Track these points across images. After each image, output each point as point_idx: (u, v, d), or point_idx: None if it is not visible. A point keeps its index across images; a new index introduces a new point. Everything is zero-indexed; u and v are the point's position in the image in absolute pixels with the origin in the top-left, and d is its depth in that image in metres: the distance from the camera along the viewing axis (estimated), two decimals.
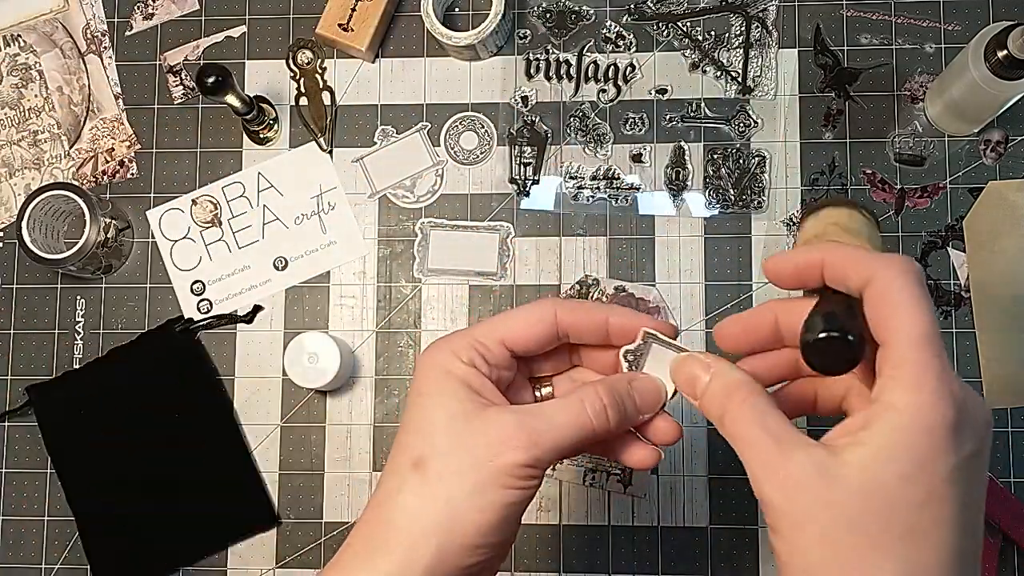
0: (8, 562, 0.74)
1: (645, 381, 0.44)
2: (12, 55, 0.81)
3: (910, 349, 0.35)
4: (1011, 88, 0.64)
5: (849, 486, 0.34)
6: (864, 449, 0.35)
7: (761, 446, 0.36)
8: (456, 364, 0.42)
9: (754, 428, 0.37)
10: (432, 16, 0.74)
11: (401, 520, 0.40)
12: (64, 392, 0.75)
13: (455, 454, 0.41)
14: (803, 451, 0.35)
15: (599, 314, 0.45)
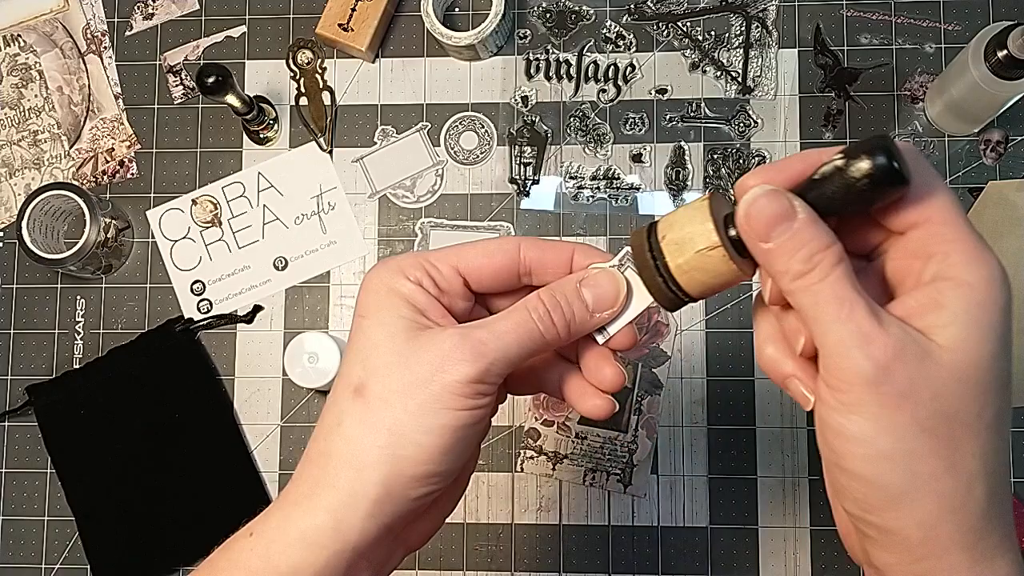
0: (8, 562, 0.74)
1: (597, 276, 0.40)
2: (12, 55, 0.81)
3: (963, 226, 0.33)
4: (1011, 88, 0.64)
5: (947, 369, 0.32)
6: (954, 330, 0.32)
7: (860, 309, 0.32)
8: (401, 282, 0.39)
9: (850, 290, 0.32)
10: (432, 16, 0.74)
11: (344, 452, 0.37)
12: (64, 392, 0.75)
13: (396, 376, 0.37)
14: (901, 327, 0.32)
15: (564, 251, 0.41)
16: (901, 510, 0.33)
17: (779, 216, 0.33)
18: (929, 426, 0.32)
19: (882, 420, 0.32)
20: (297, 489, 0.38)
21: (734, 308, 0.73)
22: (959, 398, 0.32)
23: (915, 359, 0.32)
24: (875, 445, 0.32)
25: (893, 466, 0.32)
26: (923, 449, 0.32)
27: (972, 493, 0.32)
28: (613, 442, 0.72)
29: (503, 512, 0.73)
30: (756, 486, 0.71)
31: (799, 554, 0.71)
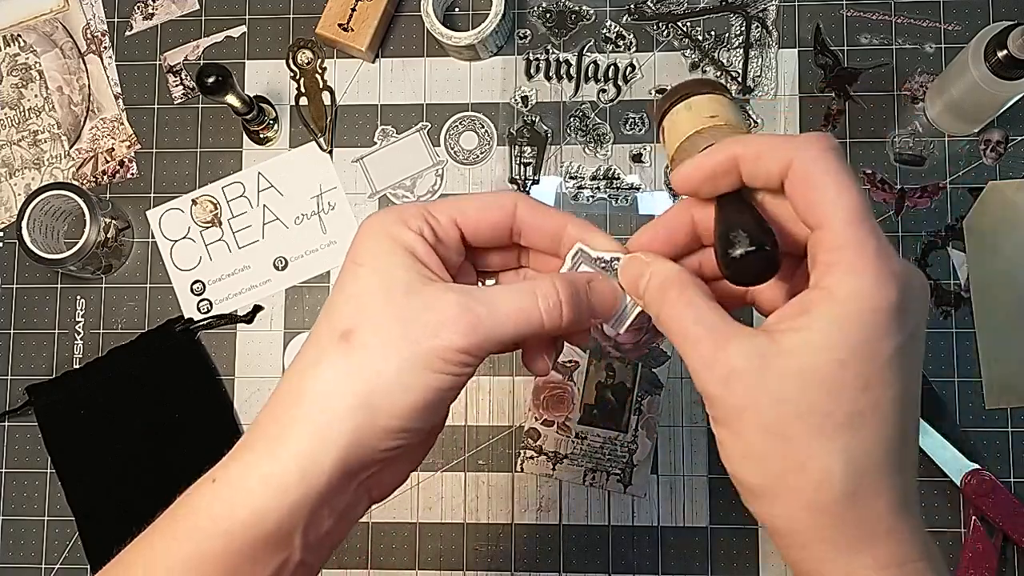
0: (8, 562, 0.74)
1: (604, 283, 0.41)
2: (12, 55, 0.81)
3: (845, 229, 0.34)
4: (1011, 88, 0.64)
5: (788, 373, 0.34)
6: (803, 335, 0.34)
7: (697, 339, 0.35)
8: (403, 231, 0.39)
9: (688, 322, 0.36)
10: (432, 16, 0.74)
11: (318, 393, 0.37)
12: (64, 392, 0.75)
13: (389, 326, 0.37)
14: (740, 340, 0.35)
15: (559, 219, 0.42)
16: (764, 504, 0.36)
17: (635, 276, 0.39)
18: (773, 429, 0.34)
19: (733, 428, 0.35)
20: (264, 431, 0.38)
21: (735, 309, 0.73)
22: (799, 400, 0.34)
23: (753, 370, 0.34)
24: (731, 449, 0.35)
25: (748, 466, 0.35)
26: (771, 451, 0.34)
27: (825, 489, 0.34)
28: (613, 442, 0.72)
29: (503, 512, 0.73)
30: None
31: None
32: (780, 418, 0.34)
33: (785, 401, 0.34)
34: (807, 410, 0.33)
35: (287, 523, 0.36)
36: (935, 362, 0.71)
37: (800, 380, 0.33)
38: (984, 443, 0.70)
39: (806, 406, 0.33)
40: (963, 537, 0.69)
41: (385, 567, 0.73)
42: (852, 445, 0.34)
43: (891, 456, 0.34)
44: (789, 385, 0.34)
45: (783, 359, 0.34)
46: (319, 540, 0.38)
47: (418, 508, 0.73)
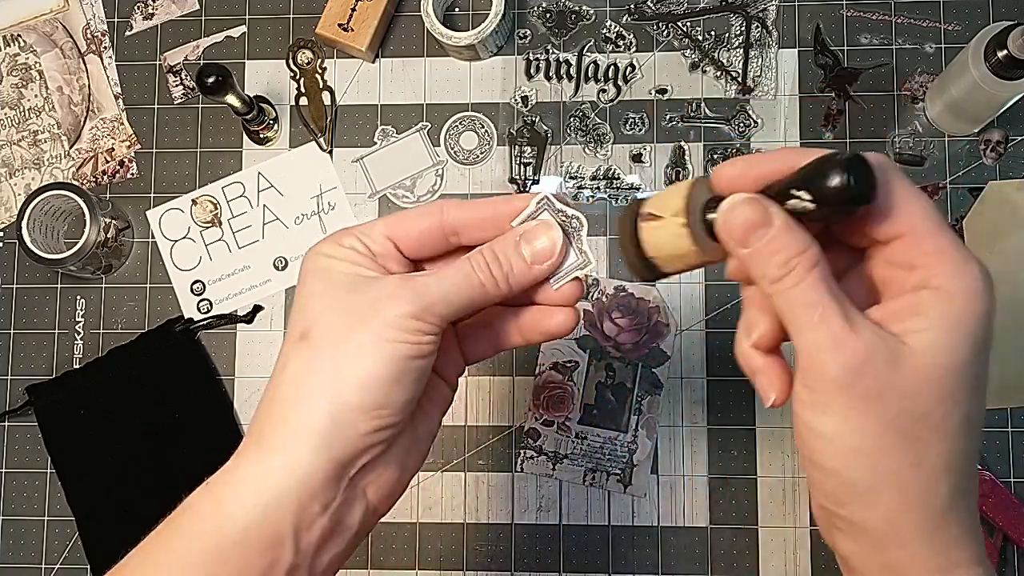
0: (8, 562, 0.74)
1: (536, 229, 0.41)
2: (12, 55, 0.81)
3: (940, 234, 0.34)
4: (1011, 88, 0.64)
5: (917, 373, 0.33)
6: (927, 336, 0.34)
7: (833, 318, 0.34)
8: (336, 248, 0.41)
9: (825, 296, 0.34)
10: (432, 16, 0.74)
11: (289, 392, 0.38)
12: (64, 392, 0.75)
13: (337, 316, 0.39)
14: (872, 329, 0.34)
15: (486, 207, 0.42)
16: (867, 504, 0.34)
17: (755, 223, 0.35)
18: (896, 426, 0.33)
19: (850, 420, 0.34)
20: (248, 439, 0.39)
21: (734, 308, 0.73)
22: (927, 400, 0.33)
23: (885, 363, 0.33)
24: (843, 442, 0.34)
25: (860, 462, 0.34)
26: (889, 447, 0.34)
27: (935, 489, 0.34)
28: (613, 442, 0.72)
29: (503, 512, 0.73)
30: (756, 486, 0.71)
31: (799, 554, 0.71)
32: (904, 414, 0.33)
33: (912, 399, 0.33)
34: (929, 411, 0.33)
35: (274, 517, 0.37)
36: None
37: (932, 381, 0.33)
38: (985, 443, 0.70)
39: (929, 407, 0.33)
40: None
41: (385, 567, 0.73)
42: (961, 446, 0.34)
43: (975, 459, 0.35)
44: (920, 385, 0.33)
45: (915, 358, 0.33)
46: (313, 546, 0.38)
47: (418, 508, 0.73)
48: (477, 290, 0.40)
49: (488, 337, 0.45)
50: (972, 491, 0.36)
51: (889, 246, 0.36)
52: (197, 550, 0.37)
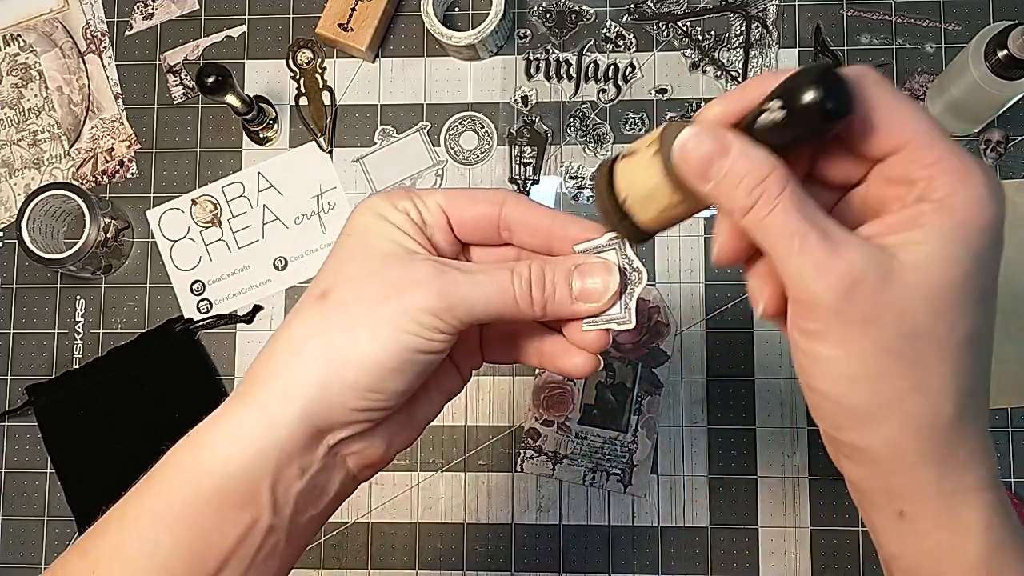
0: (8, 562, 0.74)
1: (595, 267, 0.39)
2: (12, 55, 0.81)
3: (939, 142, 0.32)
4: (1011, 88, 0.64)
5: (913, 289, 0.32)
6: (925, 249, 0.32)
7: (809, 239, 0.32)
8: (390, 209, 0.39)
9: (800, 220, 0.32)
10: (432, 16, 0.74)
11: (288, 347, 0.37)
12: (64, 392, 0.75)
13: (363, 285, 0.37)
14: (859, 248, 0.32)
15: (545, 217, 0.40)
16: (868, 429, 0.33)
17: (711, 155, 0.33)
18: (894, 348, 0.32)
19: (846, 345, 0.32)
20: (236, 392, 0.38)
21: (734, 308, 0.73)
22: (926, 317, 0.32)
23: (876, 282, 0.31)
24: (840, 368, 0.33)
25: (859, 387, 0.33)
26: (888, 370, 0.32)
27: (939, 411, 0.33)
28: (613, 442, 0.72)
29: (503, 512, 0.73)
30: (756, 486, 0.71)
31: (799, 554, 0.71)
32: (904, 336, 0.32)
33: (910, 318, 0.32)
34: (930, 328, 0.32)
35: (251, 474, 0.36)
36: None
37: (926, 296, 0.32)
38: None
39: (929, 323, 0.32)
40: None
41: (385, 567, 0.73)
42: (965, 364, 0.33)
43: (985, 379, 0.34)
44: (913, 300, 0.32)
45: (909, 273, 0.31)
46: (291, 505, 0.37)
47: (418, 508, 0.73)
48: (509, 305, 0.38)
49: (509, 346, 0.43)
50: (981, 411, 0.34)
51: (886, 163, 0.34)
52: (178, 503, 0.36)
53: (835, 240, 0.32)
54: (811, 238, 0.32)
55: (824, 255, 0.32)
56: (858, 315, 0.32)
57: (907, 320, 0.32)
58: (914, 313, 0.32)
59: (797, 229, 0.32)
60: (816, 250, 0.32)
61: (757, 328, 0.73)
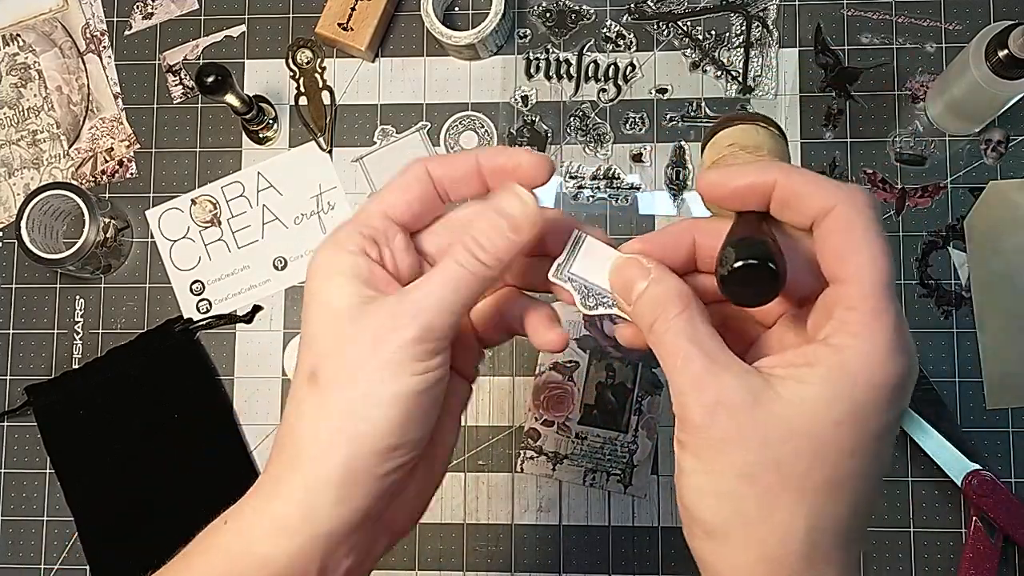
0: (8, 562, 0.74)
1: (503, 194, 0.39)
2: (11, 55, 0.81)
3: (870, 294, 0.33)
4: (1012, 87, 0.64)
5: (781, 422, 0.33)
6: (804, 388, 0.33)
7: (693, 361, 0.34)
8: (341, 257, 0.38)
9: (685, 341, 0.35)
10: (432, 16, 0.74)
11: (305, 438, 0.37)
12: (63, 392, 0.75)
13: (343, 356, 0.37)
14: (737, 375, 0.33)
15: (468, 159, 0.40)
16: (716, 547, 0.34)
17: (630, 280, 0.37)
18: (749, 473, 0.33)
19: (704, 460, 0.34)
20: (268, 476, 0.38)
21: None
22: (787, 453, 0.33)
23: (745, 407, 0.33)
24: (695, 480, 0.34)
25: (707, 503, 0.34)
26: (737, 493, 0.33)
27: (787, 548, 0.33)
28: (613, 442, 0.72)
29: (503, 512, 0.73)
30: None
31: None
32: (759, 463, 0.33)
33: (768, 448, 0.33)
34: (788, 463, 0.33)
35: (298, 565, 0.36)
36: (935, 362, 0.71)
37: (790, 431, 0.33)
38: (985, 443, 0.70)
39: (789, 459, 0.32)
40: (964, 537, 0.69)
41: (385, 567, 0.73)
42: (822, 509, 0.33)
43: (851, 527, 0.34)
44: (777, 433, 0.33)
45: (778, 405, 0.33)
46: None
47: None
48: (471, 284, 0.38)
49: (501, 323, 0.43)
50: (842, 563, 0.34)
51: (826, 291, 0.35)
52: None
53: (717, 363, 0.34)
54: (693, 356, 0.34)
55: (702, 372, 0.34)
56: (719, 434, 0.33)
57: (768, 451, 0.33)
58: (776, 446, 0.33)
59: (682, 349, 0.34)
60: (695, 367, 0.34)
61: None
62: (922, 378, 0.70)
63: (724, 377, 0.33)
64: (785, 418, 0.33)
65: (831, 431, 0.32)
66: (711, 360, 0.34)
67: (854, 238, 0.34)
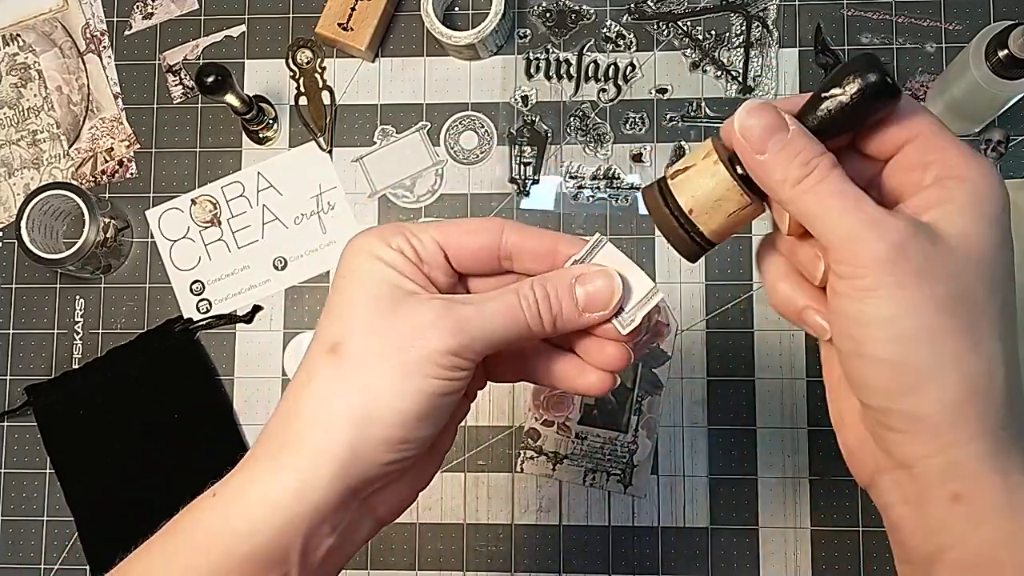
0: (8, 562, 0.74)
1: (595, 275, 0.39)
2: (11, 54, 0.81)
3: (947, 133, 0.35)
4: (1012, 87, 0.64)
5: (958, 253, 0.33)
6: (959, 220, 0.33)
7: (865, 203, 0.33)
8: (383, 249, 0.38)
9: (852, 187, 0.34)
10: (432, 16, 0.74)
11: (311, 410, 0.36)
12: (63, 392, 0.75)
13: (375, 337, 0.36)
14: (903, 216, 0.33)
15: (546, 239, 0.40)
16: (927, 392, 0.33)
17: (772, 127, 0.35)
18: (948, 306, 0.32)
19: (902, 300, 0.32)
20: (263, 448, 0.37)
21: (734, 308, 0.73)
22: (975, 280, 0.33)
23: (928, 242, 0.33)
24: (897, 326, 0.33)
25: (917, 346, 0.33)
26: (945, 328, 0.32)
27: (995, 376, 0.33)
28: (613, 442, 0.72)
29: (503, 512, 0.73)
30: (756, 486, 0.71)
31: (799, 554, 0.71)
32: (954, 296, 0.32)
33: (958, 279, 0.33)
34: (976, 292, 0.33)
35: (284, 539, 0.36)
36: None
37: (973, 260, 0.33)
38: None
39: (978, 287, 0.33)
40: None
41: (385, 567, 0.73)
42: (1007, 330, 0.34)
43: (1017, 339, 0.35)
44: (963, 264, 0.33)
45: (952, 239, 0.33)
46: (319, 560, 0.37)
47: (418, 508, 0.73)
48: (522, 328, 0.38)
49: (517, 366, 0.43)
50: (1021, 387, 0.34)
51: (901, 153, 0.36)
52: (202, 565, 0.36)
53: (882, 210, 0.33)
54: (864, 201, 0.33)
55: (879, 213, 0.33)
56: (913, 268, 0.32)
57: (958, 282, 0.33)
58: (963, 275, 0.33)
59: (852, 191, 0.33)
60: (871, 208, 0.33)
61: (757, 328, 0.73)
62: None
63: (896, 218, 0.33)
64: (963, 250, 0.33)
65: (997, 255, 0.33)
66: (876, 206, 0.33)
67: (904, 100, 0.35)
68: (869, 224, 0.33)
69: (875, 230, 0.33)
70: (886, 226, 0.33)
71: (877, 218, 0.33)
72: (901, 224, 0.33)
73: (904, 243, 0.32)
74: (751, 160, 0.35)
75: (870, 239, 0.32)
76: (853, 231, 0.33)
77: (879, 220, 0.33)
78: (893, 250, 0.32)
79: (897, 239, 0.32)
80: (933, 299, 0.32)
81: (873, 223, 0.33)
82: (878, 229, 0.33)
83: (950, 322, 0.32)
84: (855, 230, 0.33)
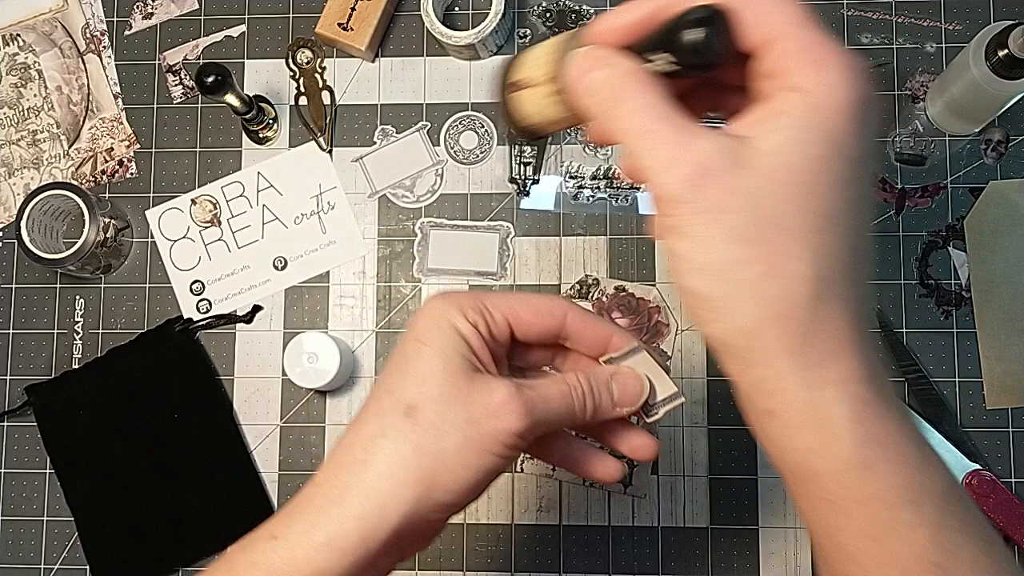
0: (8, 562, 0.74)
1: (628, 376, 0.44)
2: (11, 54, 0.81)
3: (803, 31, 0.33)
4: (1012, 87, 0.64)
5: (764, 174, 0.32)
6: (780, 135, 0.32)
7: (658, 134, 0.33)
8: (461, 320, 0.41)
9: (651, 115, 0.33)
10: (432, 16, 0.74)
11: (384, 465, 0.39)
12: (63, 392, 0.75)
13: (453, 408, 0.39)
14: (710, 138, 0.33)
15: (604, 331, 0.44)
16: (724, 320, 0.33)
17: (583, 71, 0.36)
18: (746, 234, 0.32)
19: (698, 235, 0.33)
20: (324, 493, 0.40)
21: None
22: (779, 202, 0.32)
23: (726, 170, 0.32)
24: (694, 259, 0.33)
25: (712, 277, 0.33)
26: (740, 258, 0.32)
27: (794, 297, 0.32)
28: None
29: (503, 512, 0.73)
30: (756, 486, 0.71)
31: (799, 554, 0.71)
32: (755, 222, 0.32)
33: (762, 204, 0.32)
34: (783, 214, 0.32)
35: None
36: (935, 362, 0.71)
37: (779, 180, 0.32)
38: (985, 443, 0.70)
39: (783, 209, 0.32)
40: None
41: None
42: (823, 247, 0.32)
43: (855, 262, 0.34)
44: (766, 188, 0.32)
45: (759, 160, 0.32)
46: None
47: None
48: (569, 415, 0.42)
49: (541, 449, 0.46)
50: (849, 300, 0.33)
51: (758, 60, 0.34)
52: None
53: (689, 132, 0.33)
54: (663, 134, 0.33)
55: (675, 149, 0.33)
56: (708, 204, 0.32)
57: (759, 206, 0.32)
58: (766, 198, 0.32)
59: (650, 127, 0.33)
60: (667, 144, 0.33)
61: None
62: (922, 378, 0.71)
63: (699, 144, 0.33)
64: (770, 170, 0.32)
65: (817, 166, 0.32)
66: (681, 131, 0.33)
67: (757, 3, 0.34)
68: (665, 163, 0.33)
69: (671, 168, 0.33)
70: (681, 161, 0.32)
71: (673, 154, 0.33)
72: (696, 158, 0.32)
73: (698, 179, 0.32)
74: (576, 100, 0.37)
75: (667, 177, 0.33)
76: (654, 171, 0.33)
77: (674, 156, 0.33)
78: (687, 187, 0.32)
79: (691, 174, 0.32)
80: (729, 231, 0.32)
81: (670, 160, 0.33)
82: (674, 167, 0.32)
83: (747, 250, 0.32)
84: (655, 170, 0.33)
